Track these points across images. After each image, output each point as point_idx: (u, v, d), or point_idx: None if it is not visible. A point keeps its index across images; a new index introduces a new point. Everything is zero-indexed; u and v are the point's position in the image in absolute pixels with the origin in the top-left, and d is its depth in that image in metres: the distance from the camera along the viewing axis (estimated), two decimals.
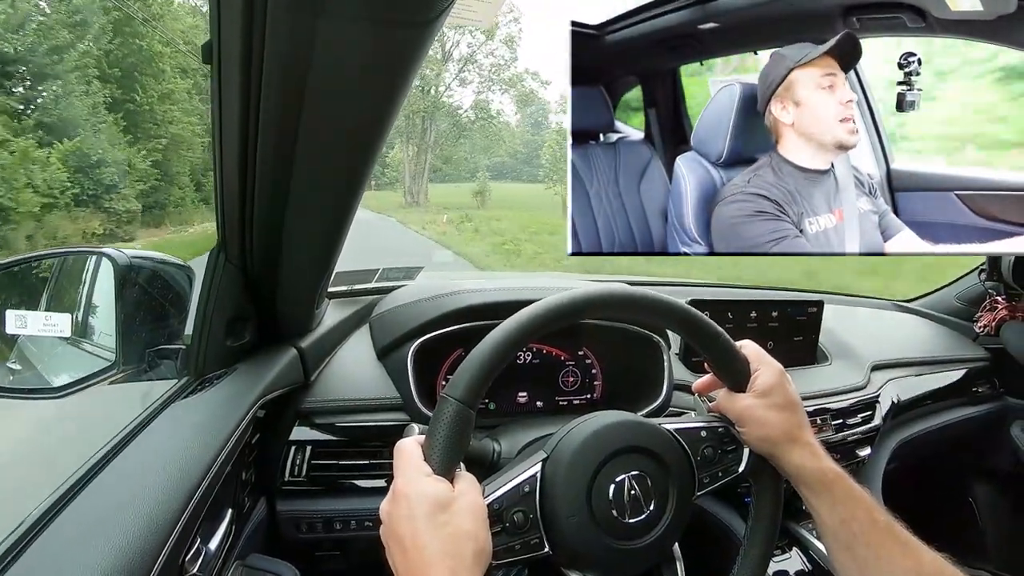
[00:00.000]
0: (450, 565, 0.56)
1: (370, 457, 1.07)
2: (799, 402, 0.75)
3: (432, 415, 0.64)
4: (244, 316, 0.98)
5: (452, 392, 0.64)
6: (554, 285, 1.29)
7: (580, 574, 0.71)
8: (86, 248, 1.06)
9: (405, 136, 24.88)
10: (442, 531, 0.57)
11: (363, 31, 0.57)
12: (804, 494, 0.71)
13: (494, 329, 0.67)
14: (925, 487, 1.91)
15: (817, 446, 0.73)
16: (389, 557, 0.61)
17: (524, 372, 1.20)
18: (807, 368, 1.50)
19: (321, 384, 1.11)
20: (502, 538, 0.63)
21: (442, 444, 0.62)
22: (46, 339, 0.95)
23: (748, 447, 0.75)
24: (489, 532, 0.61)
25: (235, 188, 0.80)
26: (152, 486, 0.68)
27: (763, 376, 0.75)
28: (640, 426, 0.73)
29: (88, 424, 1.39)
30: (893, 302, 2.06)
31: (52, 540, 0.60)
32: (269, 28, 0.57)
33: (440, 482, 0.60)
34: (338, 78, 0.63)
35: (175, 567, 0.68)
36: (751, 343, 0.79)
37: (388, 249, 11.02)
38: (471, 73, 26.00)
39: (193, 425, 0.81)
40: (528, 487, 0.67)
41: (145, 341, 0.93)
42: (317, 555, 1.11)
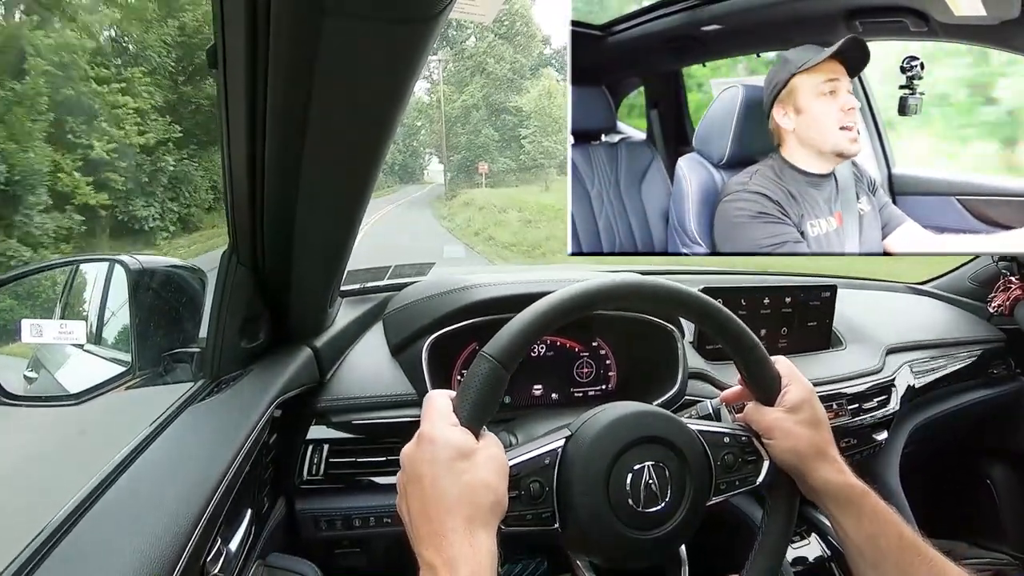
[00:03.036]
0: (467, 513, 0.56)
1: (387, 454, 1.07)
2: (826, 420, 0.76)
3: (467, 372, 0.64)
4: (258, 317, 0.98)
5: (490, 350, 0.64)
6: (568, 277, 1.29)
7: (586, 559, 0.71)
8: (99, 255, 1.06)
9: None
10: (462, 478, 0.58)
11: (367, 28, 0.57)
12: (830, 510, 0.71)
13: (542, 298, 0.67)
14: (942, 470, 1.90)
15: (843, 462, 0.73)
16: (402, 501, 0.61)
17: (538, 365, 1.20)
18: (822, 353, 1.50)
19: (336, 382, 1.12)
20: (515, 505, 0.64)
21: (473, 398, 0.63)
22: (62, 347, 0.95)
23: (772, 460, 0.75)
24: (507, 488, 0.61)
25: (244, 190, 0.80)
26: (172, 488, 0.68)
27: (794, 391, 0.76)
28: (668, 419, 0.73)
29: (107, 429, 1.40)
30: (906, 285, 2.05)
31: (76, 543, 0.61)
32: (273, 29, 0.57)
33: (466, 433, 0.61)
34: (343, 77, 0.63)
35: (196, 568, 0.69)
36: (784, 359, 0.79)
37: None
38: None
39: (211, 427, 0.81)
40: (548, 459, 0.68)
41: (160, 345, 0.94)
42: (337, 552, 1.12)
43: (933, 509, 0.64)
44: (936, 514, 0.66)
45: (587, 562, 0.73)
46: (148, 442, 0.79)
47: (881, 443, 1.43)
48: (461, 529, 0.55)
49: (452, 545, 0.55)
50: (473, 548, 0.55)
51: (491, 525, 0.58)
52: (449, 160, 29.81)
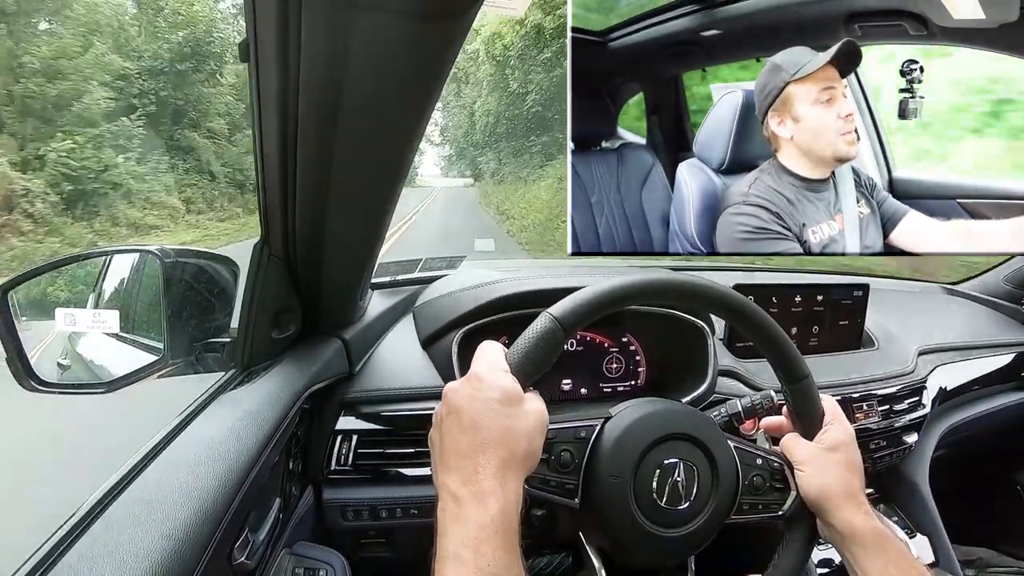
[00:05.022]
0: (502, 455, 0.57)
1: (415, 445, 1.07)
2: (861, 466, 0.76)
3: (527, 328, 0.65)
4: (289, 308, 0.98)
5: (554, 311, 0.65)
6: (599, 275, 1.28)
7: (595, 544, 0.72)
8: (132, 246, 1.07)
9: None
10: (503, 422, 0.58)
11: (398, 24, 0.57)
12: (854, 552, 0.70)
13: (620, 277, 0.69)
14: (972, 474, 1.87)
15: (869, 507, 0.73)
16: (435, 431, 0.62)
17: (568, 360, 1.20)
18: (853, 353, 1.47)
19: (366, 374, 1.12)
20: (542, 468, 0.64)
21: (527, 351, 0.63)
22: (95, 335, 0.96)
23: (799, 492, 0.74)
24: (542, 444, 0.62)
25: (276, 183, 0.80)
26: (201, 477, 0.69)
27: (835, 431, 0.76)
28: (707, 423, 0.73)
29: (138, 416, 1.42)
30: (939, 285, 2.01)
31: (106, 527, 0.61)
32: (305, 24, 0.57)
33: (514, 381, 0.61)
34: (375, 72, 0.63)
35: (224, 555, 0.70)
36: (830, 398, 0.80)
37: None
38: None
39: (241, 416, 0.81)
40: (584, 432, 0.68)
41: (192, 335, 0.94)
42: (363, 543, 1.13)
43: (962, 514, 0.63)
44: (964, 519, 0.65)
45: (595, 547, 0.73)
46: (179, 430, 0.79)
47: (911, 446, 1.41)
48: (494, 467, 0.56)
49: (483, 480, 0.55)
50: (503, 488, 0.55)
51: (521, 473, 0.59)
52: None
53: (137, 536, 0.59)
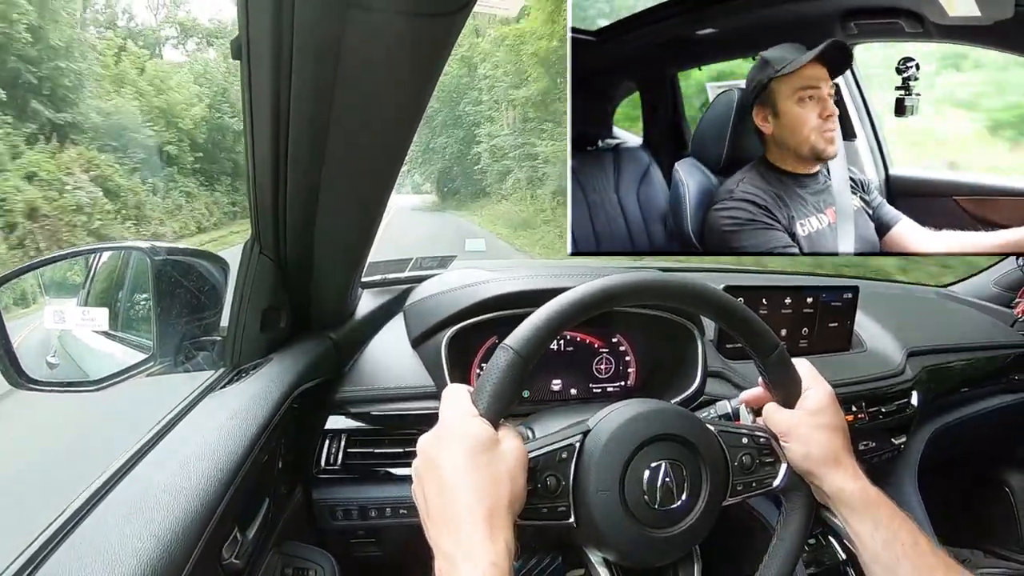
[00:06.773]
0: (488, 504, 0.56)
1: (404, 445, 1.07)
2: (845, 426, 0.75)
3: (487, 364, 0.64)
4: (278, 307, 0.98)
5: (511, 342, 0.64)
6: (590, 275, 1.28)
7: (599, 555, 0.71)
8: (121, 244, 1.07)
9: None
10: (482, 471, 0.58)
11: (391, 22, 0.57)
12: (845, 516, 0.71)
13: (565, 292, 0.67)
14: (960, 475, 1.89)
15: (858, 468, 0.73)
16: (419, 491, 0.61)
17: (558, 360, 1.20)
18: (842, 354, 1.47)
19: (355, 373, 1.12)
20: (531, 499, 0.63)
21: (492, 390, 0.62)
22: (84, 333, 0.95)
23: (788, 463, 0.74)
24: (525, 481, 0.61)
25: (268, 180, 0.80)
26: (190, 475, 0.68)
27: (814, 395, 0.75)
28: (686, 417, 0.72)
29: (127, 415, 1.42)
30: (929, 287, 2.03)
31: (95, 526, 0.61)
32: (297, 22, 0.57)
33: (485, 424, 0.61)
34: (367, 70, 0.63)
35: (214, 554, 0.70)
36: (805, 361, 0.79)
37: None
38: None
39: (230, 415, 0.81)
40: (565, 454, 0.67)
41: (181, 333, 0.94)
42: (352, 542, 1.12)
43: (950, 515, 0.63)
44: (953, 520, 0.65)
45: (600, 558, 0.73)
46: (167, 429, 0.79)
47: (899, 447, 1.42)
48: (480, 521, 0.55)
49: (471, 536, 0.55)
50: (492, 540, 0.55)
51: (509, 518, 0.58)
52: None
53: (125, 535, 0.59)
